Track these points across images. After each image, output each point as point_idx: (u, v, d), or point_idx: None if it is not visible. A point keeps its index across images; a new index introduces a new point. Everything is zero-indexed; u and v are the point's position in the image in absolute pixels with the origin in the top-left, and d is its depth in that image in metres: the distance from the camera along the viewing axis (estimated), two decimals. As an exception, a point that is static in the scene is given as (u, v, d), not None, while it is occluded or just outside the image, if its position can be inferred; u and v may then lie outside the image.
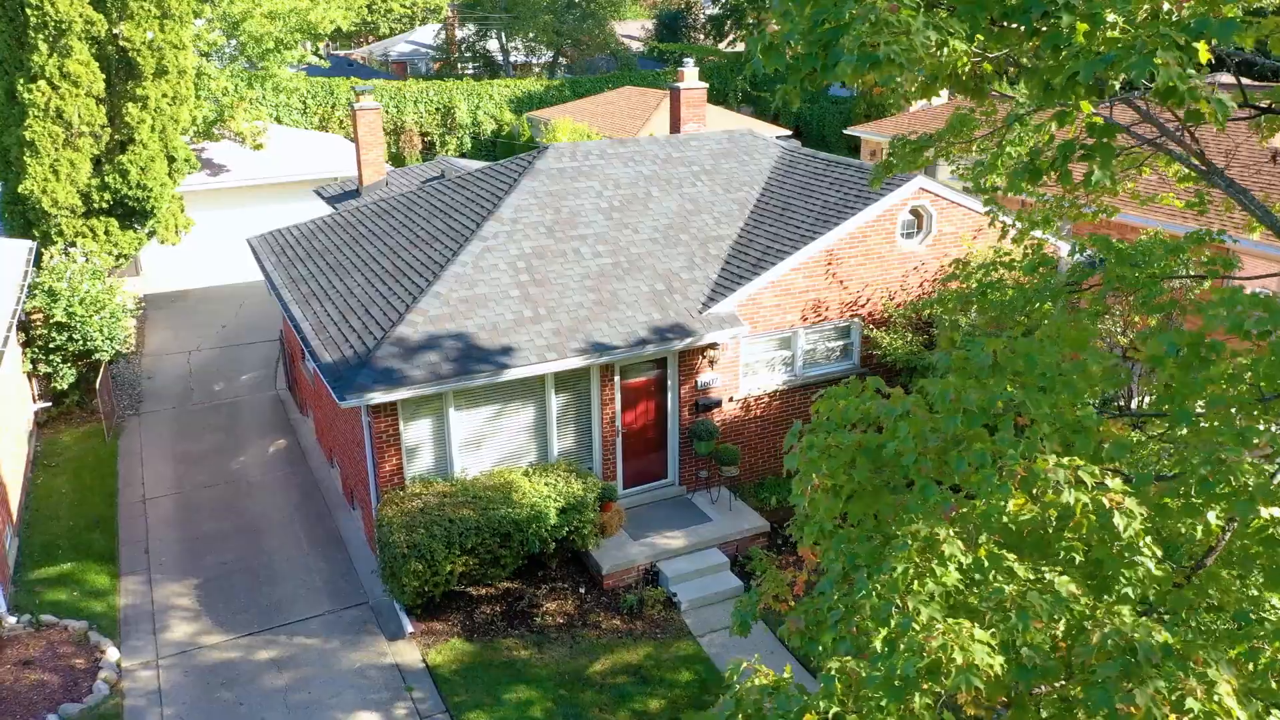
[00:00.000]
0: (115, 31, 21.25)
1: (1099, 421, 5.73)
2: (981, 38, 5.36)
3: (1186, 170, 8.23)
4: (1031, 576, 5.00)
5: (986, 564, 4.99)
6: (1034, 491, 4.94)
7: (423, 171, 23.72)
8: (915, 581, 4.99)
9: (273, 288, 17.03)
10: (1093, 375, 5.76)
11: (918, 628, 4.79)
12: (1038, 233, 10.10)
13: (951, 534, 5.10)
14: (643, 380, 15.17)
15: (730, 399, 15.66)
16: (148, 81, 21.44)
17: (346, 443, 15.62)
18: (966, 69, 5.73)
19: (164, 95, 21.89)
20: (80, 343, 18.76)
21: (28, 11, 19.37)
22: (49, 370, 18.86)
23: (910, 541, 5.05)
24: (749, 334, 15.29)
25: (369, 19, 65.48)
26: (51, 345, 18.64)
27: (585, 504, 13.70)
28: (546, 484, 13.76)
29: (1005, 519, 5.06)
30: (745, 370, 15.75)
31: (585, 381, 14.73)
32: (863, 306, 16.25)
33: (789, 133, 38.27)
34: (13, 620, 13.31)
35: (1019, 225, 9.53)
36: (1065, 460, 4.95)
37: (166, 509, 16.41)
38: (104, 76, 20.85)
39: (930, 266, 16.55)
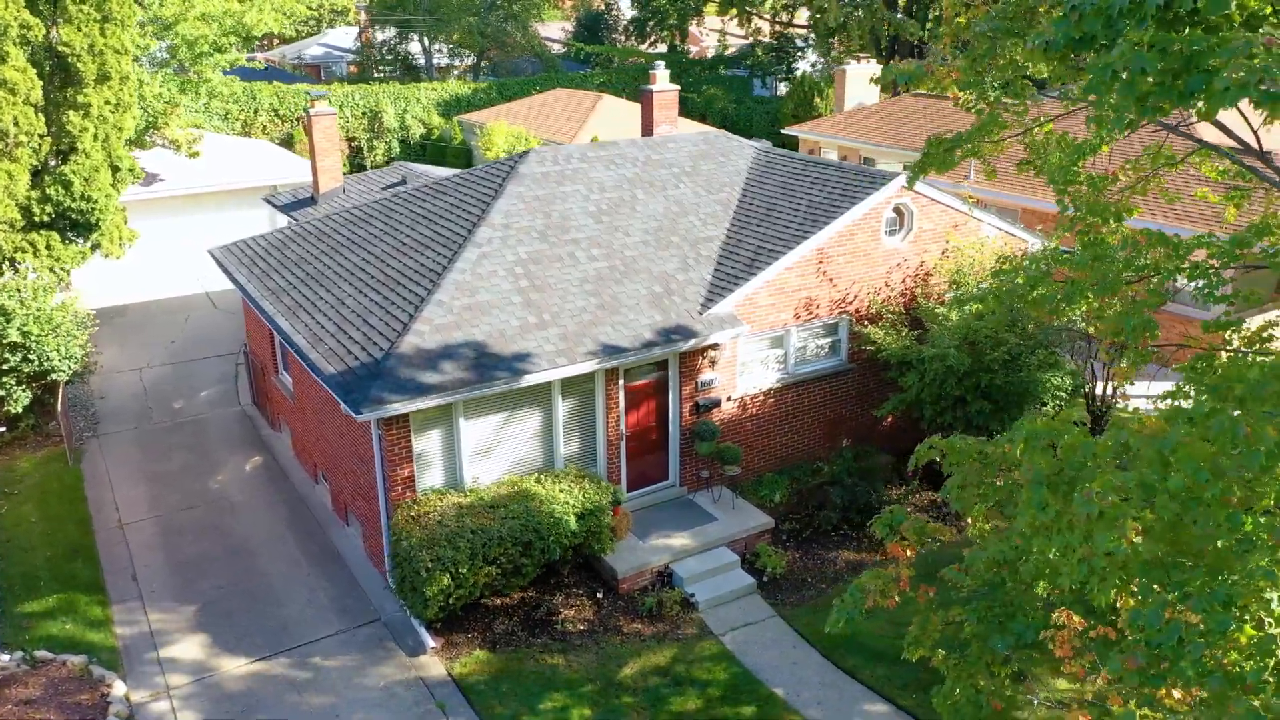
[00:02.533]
0: (51, 36, 20.28)
1: None
2: None
3: (1226, 166, 8.65)
4: None
5: None
6: None
7: (381, 178, 23.26)
8: None
9: (251, 300, 16.49)
10: None
11: None
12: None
13: None
14: (645, 383, 15.19)
15: (728, 398, 15.80)
16: (89, 88, 20.51)
17: (342, 457, 15.23)
18: None
19: (106, 102, 20.96)
20: (36, 363, 17.84)
21: (-40, 16, 18.33)
22: (1, 394, 17.88)
23: (1277, 570, 5.14)
24: (747, 334, 15.45)
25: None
26: (5, 367, 17.68)
27: (601, 509, 13.67)
28: (562, 490, 13.68)
29: None
30: (741, 370, 15.91)
31: (590, 386, 14.68)
32: (850, 304, 16.57)
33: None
34: (5, 658, 12.62)
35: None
36: None
37: (147, 533, 15.74)
38: (41, 83, 19.87)
39: (912, 263, 16.98)
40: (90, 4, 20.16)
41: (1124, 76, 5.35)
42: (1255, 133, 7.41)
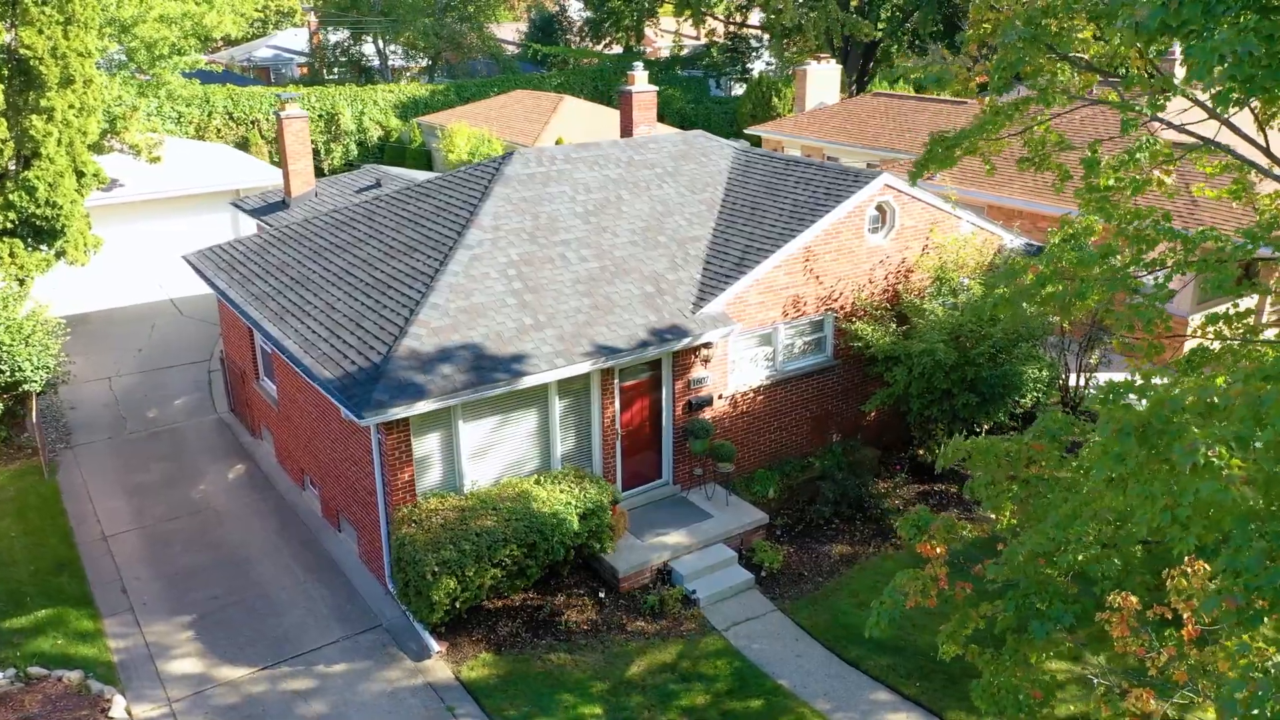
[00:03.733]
0: (10, 40, 19.79)
1: None
2: None
3: (1226, 162, 8.96)
4: None
5: None
6: None
7: (353, 181, 23.03)
8: None
9: (234, 306, 16.25)
10: None
11: None
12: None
13: None
14: (639, 382, 15.27)
15: (720, 396, 15.94)
16: (52, 92, 20.02)
17: (335, 463, 15.08)
18: None
19: (70, 106, 20.49)
20: (7, 374, 17.39)
21: (-81, 18, 17.80)
22: (-29, 406, 17.42)
23: None
24: (738, 332, 15.60)
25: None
26: (-25, 378, 17.22)
27: (602, 508, 13.72)
28: (562, 490, 13.71)
29: None
30: (732, 367, 16.05)
31: (585, 385, 14.72)
32: (835, 300, 16.81)
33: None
34: (-3, 676, 12.31)
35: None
36: None
37: (132, 545, 15.43)
38: (1, 87, 19.36)
39: (894, 260, 17.27)
40: (52, 5, 19.70)
41: (1229, 61, 5.56)
42: (1264, 131, 7.71)
